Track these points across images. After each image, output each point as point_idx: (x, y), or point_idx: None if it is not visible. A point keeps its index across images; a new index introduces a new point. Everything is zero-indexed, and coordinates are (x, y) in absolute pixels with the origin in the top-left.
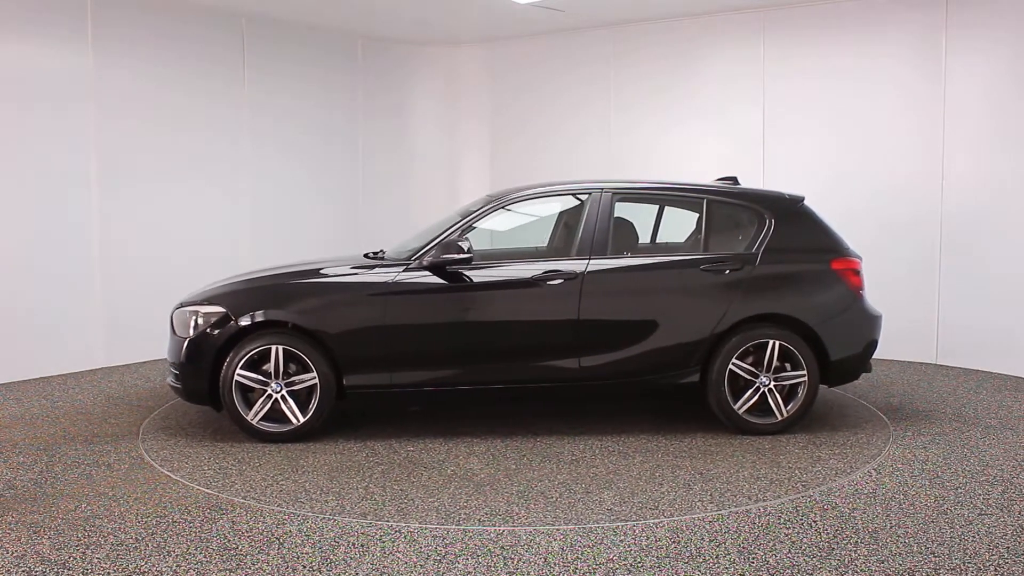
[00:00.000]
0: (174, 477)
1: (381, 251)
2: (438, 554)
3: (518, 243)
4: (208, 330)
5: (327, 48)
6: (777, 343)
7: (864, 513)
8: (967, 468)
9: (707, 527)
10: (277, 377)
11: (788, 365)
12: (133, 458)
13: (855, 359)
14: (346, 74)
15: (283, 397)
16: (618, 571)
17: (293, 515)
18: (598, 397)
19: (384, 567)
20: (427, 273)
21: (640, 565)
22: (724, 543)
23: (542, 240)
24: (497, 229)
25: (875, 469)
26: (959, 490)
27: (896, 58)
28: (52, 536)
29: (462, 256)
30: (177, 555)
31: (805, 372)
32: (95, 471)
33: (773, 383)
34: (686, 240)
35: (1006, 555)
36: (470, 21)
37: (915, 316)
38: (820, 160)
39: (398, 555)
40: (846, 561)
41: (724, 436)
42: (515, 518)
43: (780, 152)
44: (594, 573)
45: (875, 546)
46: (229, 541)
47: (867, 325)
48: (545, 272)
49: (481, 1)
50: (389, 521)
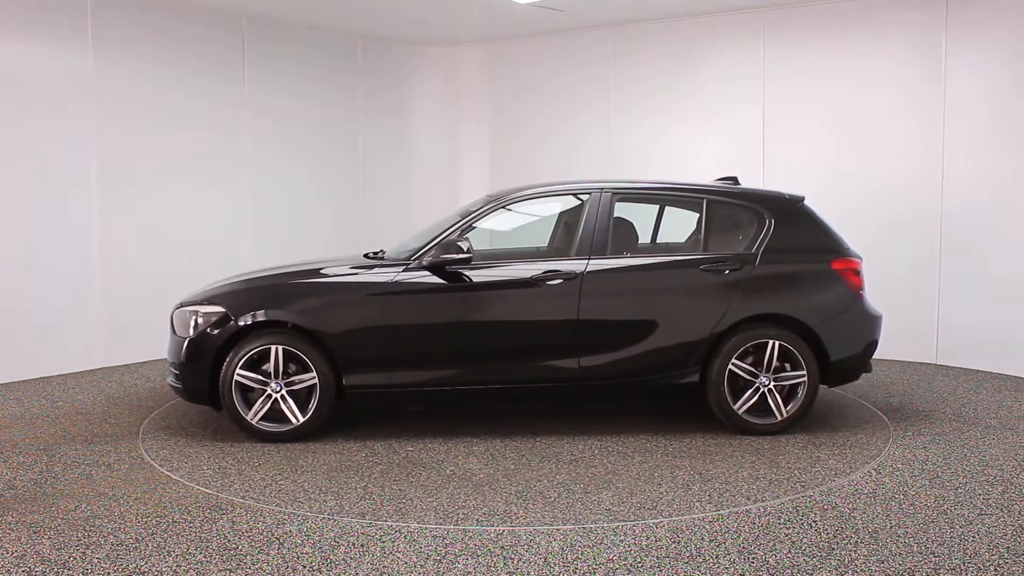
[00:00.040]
0: (174, 477)
1: (381, 251)
2: (438, 554)
3: (518, 243)
4: (208, 330)
5: (327, 48)
6: (777, 343)
7: (864, 513)
8: (967, 468)
9: (707, 527)
10: (277, 377)
11: (788, 365)
12: (133, 458)
13: (855, 359)
14: (346, 74)
15: (283, 397)
16: (618, 571)
17: (293, 515)
18: (597, 397)
19: (384, 567)
20: (427, 273)
21: (640, 565)
22: (724, 543)
23: (542, 240)
24: (497, 229)
25: (875, 469)
26: (959, 490)
27: (896, 58)
28: (52, 536)
29: (462, 256)
30: (177, 555)
31: (805, 372)
32: (95, 471)
33: (773, 383)
34: (686, 240)
35: (1006, 555)
36: (470, 21)
37: (915, 316)
38: (820, 160)
39: (398, 555)
40: (846, 561)
41: (724, 436)
42: (513, 518)
43: (780, 152)
44: (594, 573)
45: (875, 546)
46: (229, 541)
47: (867, 325)
48: (544, 272)
49: (481, 1)
50: (387, 521)
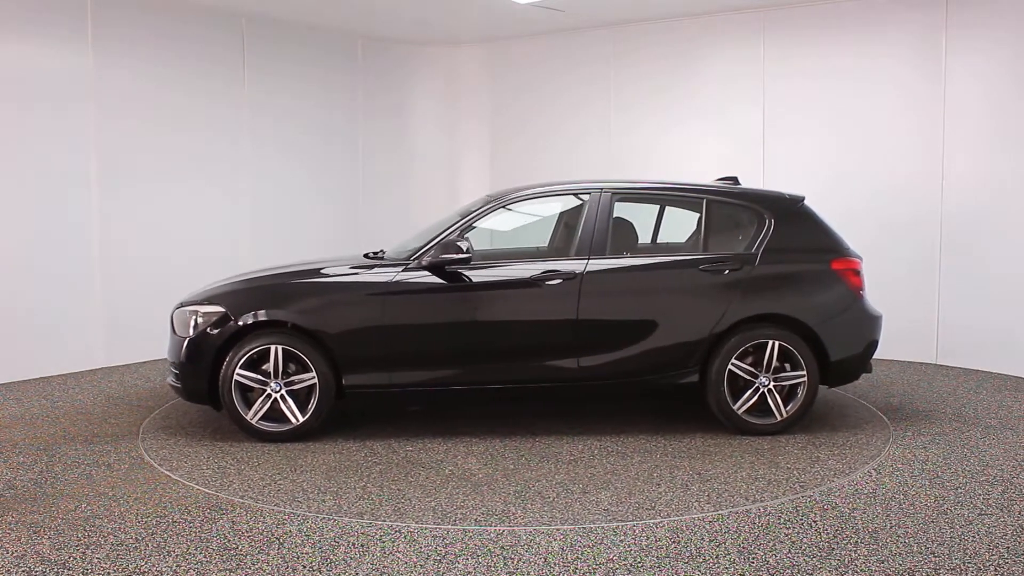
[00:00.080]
0: (174, 477)
1: (381, 251)
2: (438, 554)
3: (518, 243)
4: (208, 330)
5: (327, 48)
6: (777, 343)
7: (864, 513)
8: (967, 468)
9: (707, 527)
10: (276, 377)
11: (788, 365)
12: (133, 458)
13: (855, 359)
14: (346, 74)
15: (282, 397)
16: (618, 571)
17: (293, 515)
18: (597, 397)
19: (384, 567)
20: (426, 273)
21: (640, 565)
22: (724, 543)
23: (542, 240)
24: (497, 229)
25: (875, 469)
26: (959, 490)
27: (896, 58)
28: (52, 536)
29: (461, 256)
30: (177, 555)
31: (805, 372)
32: (95, 471)
33: (773, 383)
34: (686, 240)
35: (1006, 555)
36: (470, 21)
37: (915, 316)
38: (820, 160)
39: (398, 555)
40: (846, 561)
41: (723, 436)
42: (512, 518)
43: (780, 152)
44: (594, 573)
45: (875, 546)
46: (229, 541)
47: (867, 325)
48: (544, 272)
49: (481, 1)
50: (386, 521)
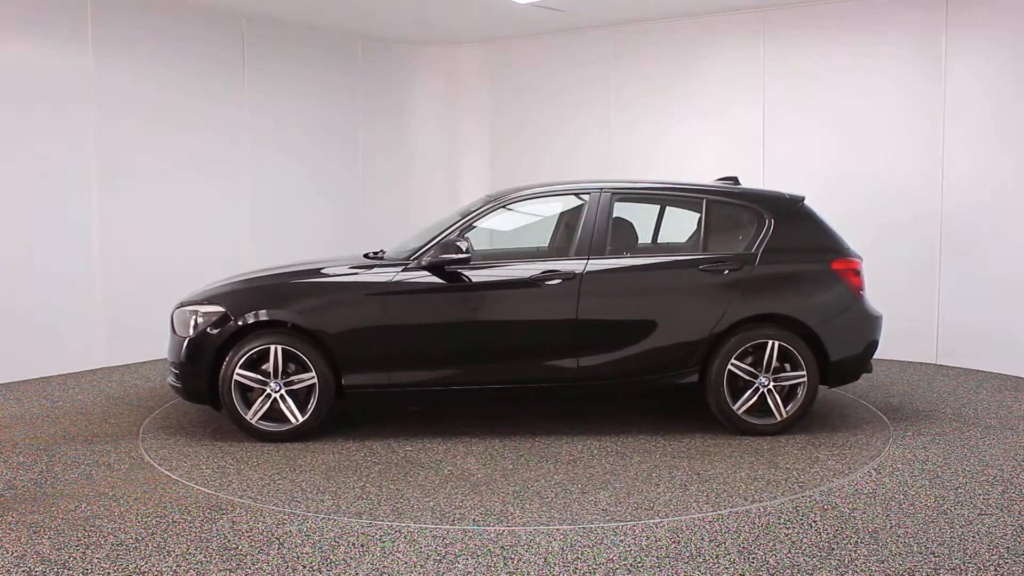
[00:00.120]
0: (174, 477)
1: (381, 251)
2: (438, 554)
3: (518, 243)
4: (208, 329)
5: (327, 48)
6: (776, 343)
7: (864, 513)
8: (967, 468)
9: (707, 527)
10: (276, 377)
11: (788, 365)
12: (133, 458)
13: (855, 359)
14: (346, 74)
15: (282, 397)
16: (618, 571)
17: (293, 515)
18: (597, 397)
19: (384, 567)
20: (426, 273)
21: (640, 565)
22: (724, 543)
23: (542, 240)
24: (496, 229)
25: (875, 469)
26: (959, 490)
27: (896, 58)
28: (52, 536)
29: (460, 256)
30: (177, 555)
31: (804, 373)
32: (95, 471)
33: (772, 383)
34: (686, 240)
35: (1006, 555)
36: (470, 21)
37: (915, 316)
38: (820, 160)
39: (398, 555)
40: (846, 561)
41: (723, 437)
42: (510, 518)
43: (780, 152)
44: (594, 573)
45: (875, 546)
46: (229, 541)
47: (867, 325)
48: (543, 272)
49: (481, 1)
50: (385, 521)
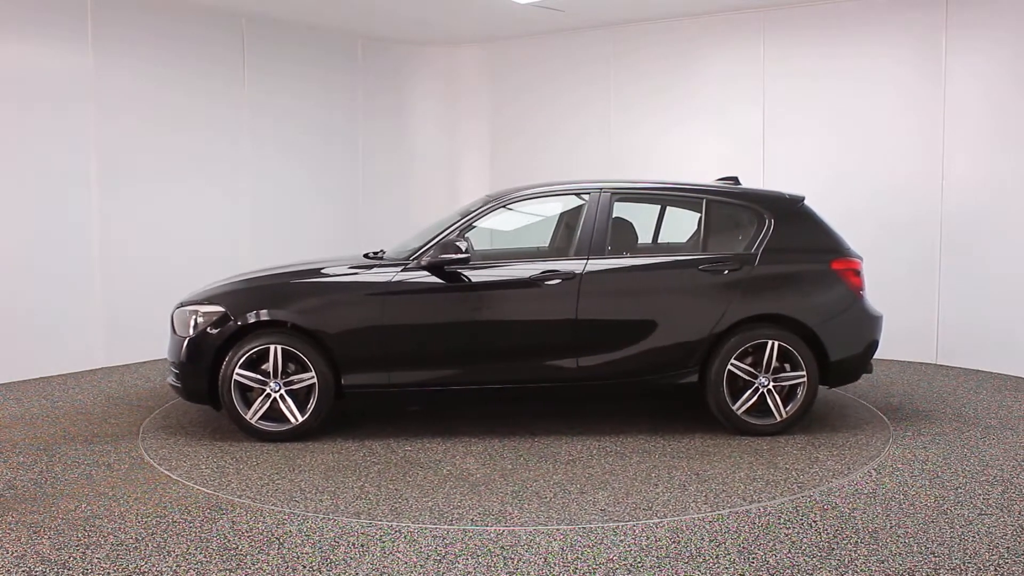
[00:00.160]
0: (174, 477)
1: (381, 251)
2: (438, 554)
3: (519, 243)
4: (208, 329)
5: (327, 48)
6: (776, 343)
7: (864, 513)
8: (967, 468)
9: (707, 527)
10: (276, 376)
11: (787, 366)
12: (133, 458)
13: (855, 360)
14: (346, 74)
15: (282, 396)
16: (618, 571)
17: (293, 515)
18: (597, 397)
19: (384, 567)
20: (425, 273)
21: (640, 565)
22: (724, 543)
23: (542, 240)
24: (496, 229)
25: (875, 469)
26: (959, 490)
27: (896, 58)
28: (52, 536)
29: (460, 256)
30: (177, 555)
31: (804, 373)
32: (95, 471)
33: (772, 384)
34: (686, 240)
35: (1006, 555)
36: (470, 21)
37: (915, 316)
38: (820, 160)
39: (398, 555)
40: (846, 561)
41: (722, 437)
42: (508, 518)
43: (780, 152)
44: (594, 573)
45: (875, 546)
46: (229, 541)
47: (867, 325)
48: (543, 272)
49: (481, 1)
50: (383, 520)
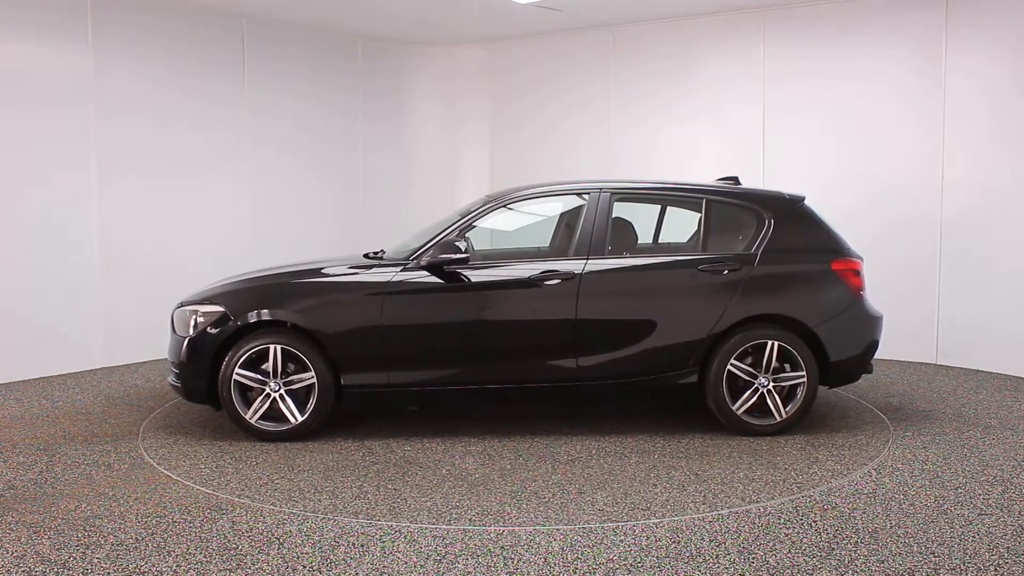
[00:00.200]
0: (174, 477)
1: (381, 251)
2: (438, 554)
3: (519, 243)
4: (207, 329)
5: (327, 48)
6: (776, 344)
7: (864, 513)
8: (967, 468)
9: (707, 527)
10: (275, 376)
11: (787, 366)
12: (133, 458)
13: (855, 360)
14: (346, 74)
15: (281, 396)
16: (618, 571)
17: (293, 515)
18: (596, 397)
19: (384, 567)
20: (425, 273)
21: (640, 565)
22: (724, 543)
23: (542, 240)
24: (496, 229)
25: (875, 469)
26: (959, 490)
27: (896, 58)
28: (52, 536)
29: (459, 256)
30: (177, 555)
31: (804, 373)
32: (95, 471)
33: (772, 384)
34: (686, 240)
35: (1006, 555)
36: (470, 21)
37: (915, 316)
38: (820, 160)
39: (398, 555)
40: (846, 561)
41: (722, 437)
42: (507, 518)
43: (780, 152)
44: (594, 573)
45: (875, 546)
46: (229, 541)
47: (867, 326)
48: (543, 272)
49: (481, 1)
50: (381, 520)
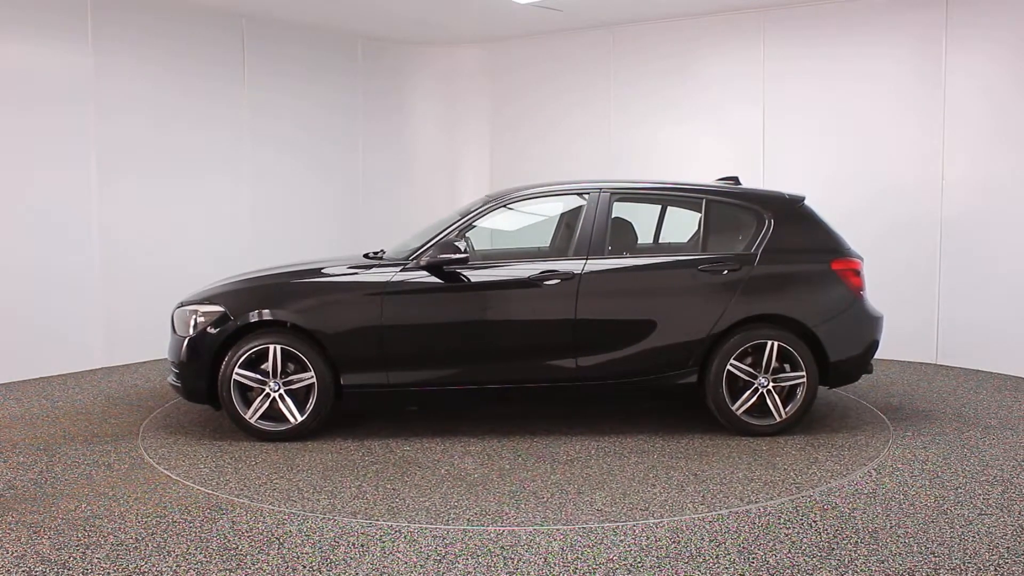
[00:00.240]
0: (174, 477)
1: (381, 251)
2: (438, 554)
3: (519, 243)
4: (207, 329)
5: (327, 48)
6: (776, 344)
7: (864, 513)
8: (967, 468)
9: (707, 527)
10: (275, 376)
11: (787, 366)
12: (133, 458)
13: (855, 360)
14: (346, 74)
15: (281, 396)
16: (618, 571)
17: (293, 515)
18: (596, 397)
19: (384, 567)
20: (424, 273)
21: (640, 565)
22: (724, 543)
23: (543, 240)
24: (496, 229)
25: (875, 469)
26: (959, 490)
27: (896, 58)
28: (52, 536)
29: (459, 256)
30: (177, 555)
31: (804, 373)
32: (95, 471)
33: (772, 384)
34: (687, 240)
35: (1006, 555)
36: (470, 21)
37: (915, 316)
38: (820, 160)
39: (398, 555)
40: (846, 561)
41: (721, 437)
42: (505, 518)
43: (780, 152)
44: (594, 573)
45: (875, 546)
46: (229, 541)
47: (867, 326)
48: (542, 272)
49: (481, 1)
50: (380, 520)
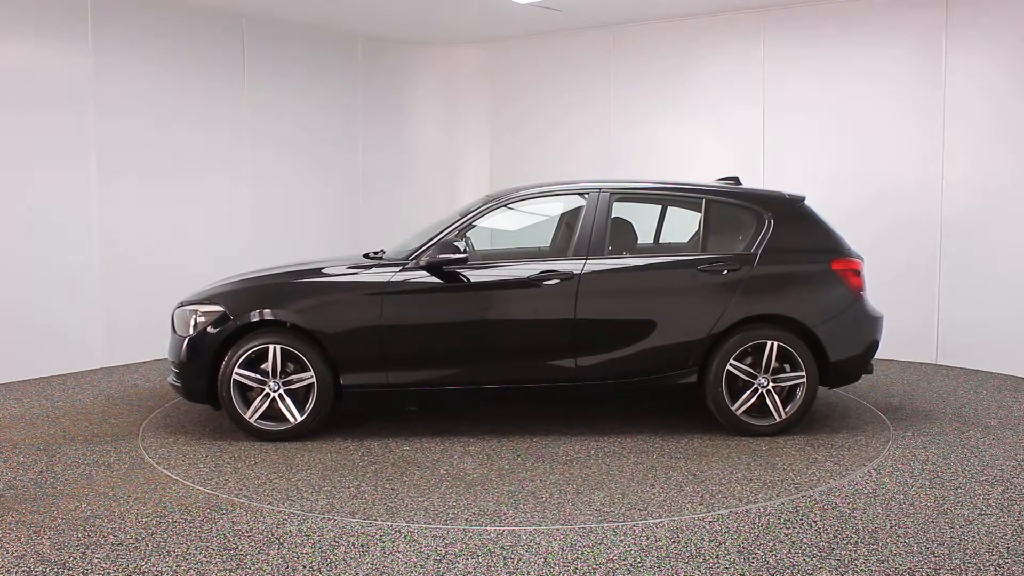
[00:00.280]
0: (174, 477)
1: (381, 251)
2: (438, 554)
3: (519, 243)
4: (207, 329)
5: (327, 48)
6: (775, 344)
7: (864, 513)
8: (967, 468)
9: (707, 527)
10: (275, 376)
11: (787, 366)
12: (133, 458)
13: (855, 360)
14: (346, 74)
15: (281, 396)
16: (618, 571)
17: (292, 515)
18: (596, 397)
19: (384, 567)
20: (424, 273)
21: (640, 565)
22: (724, 543)
23: (543, 240)
24: (496, 229)
25: (875, 469)
26: (959, 490)
27: (896, 58)
28: (52, 536)
29: (458, 256)
30: (177, 555)
31: (804, 373)
32: (95, 471)
33: (772, 384)
34: (687, 240)
35: (1006, 555)
36: (470, 21)
37: (915, 316)
38: (820, 160)
39: (398, 555)
40: (846, 561)
41: (721, 438)
42: (504, 518)
43: (780, 152)
44: (594, 573)
45: (875, 546)
46: (229, 541)
47: (867, 326)
48: (542, 272)
49: (481, 1)
50: (378, 520)
